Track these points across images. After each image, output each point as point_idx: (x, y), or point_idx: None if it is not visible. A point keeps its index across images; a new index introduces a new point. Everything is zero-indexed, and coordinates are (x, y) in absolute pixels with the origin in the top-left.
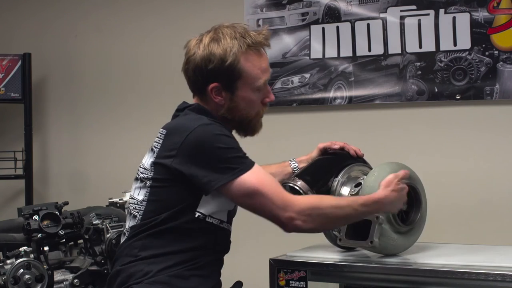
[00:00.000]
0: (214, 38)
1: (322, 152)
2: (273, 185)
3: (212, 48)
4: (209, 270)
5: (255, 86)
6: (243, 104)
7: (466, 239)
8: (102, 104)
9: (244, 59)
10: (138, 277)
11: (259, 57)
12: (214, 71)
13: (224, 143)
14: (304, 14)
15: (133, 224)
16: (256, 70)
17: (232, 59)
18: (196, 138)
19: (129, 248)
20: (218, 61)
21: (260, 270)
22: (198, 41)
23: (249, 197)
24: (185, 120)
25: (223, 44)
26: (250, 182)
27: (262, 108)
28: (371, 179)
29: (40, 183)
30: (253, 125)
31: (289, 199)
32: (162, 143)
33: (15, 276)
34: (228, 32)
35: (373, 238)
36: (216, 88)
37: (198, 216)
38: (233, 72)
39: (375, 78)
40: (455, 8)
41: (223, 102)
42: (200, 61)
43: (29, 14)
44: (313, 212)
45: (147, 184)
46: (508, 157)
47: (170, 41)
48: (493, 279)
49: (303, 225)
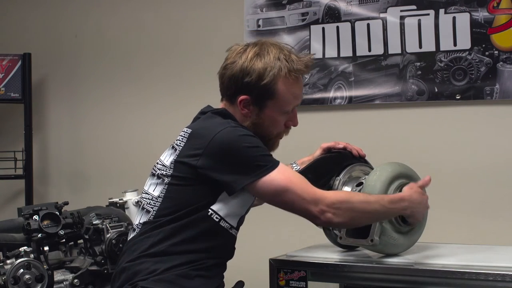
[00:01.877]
0: (258, 54)
1: (326, 151)
2: (301, 182)
3: (253, 62)
4: (214, 271)
5: (284, 109)
6: (267, 122)
7: (466, 239)
8: (102, 104)
9: (281, 82)
10: (144, 274)
11: (296, 83)
12: (249, 85)
13: (251, 142)
14: (304, 14)
15: (145, 220)
16: (289, 95)
17: (269, 79)
18: (223, 139)
19: (138, 244)
20: (256, 77)
21: (260, 270)
22: (242, 51)
23: (278, 194)
24: (212, 123)
25: (265, 61)
26: (279, 179)
27: (284, 130)
28: (373, 178)
29: (40, 183)
30: (271, 144)
31: (319, 193)
32: (186, 142)
33: (15, 276)
34: (273, 51)
35: (373, 237)
36: (246, 100)
37: (211, 215)
38: (267, 92)
39: (375, 78)
40: (455, 8)
41: (249, 115)
42: (239, 72)
43: (29, 14)
44: (343, 205)
45: (165, 181)
46: (508, 157)
47: (171, 40)
48: (493, 279)
49: (334, 218)
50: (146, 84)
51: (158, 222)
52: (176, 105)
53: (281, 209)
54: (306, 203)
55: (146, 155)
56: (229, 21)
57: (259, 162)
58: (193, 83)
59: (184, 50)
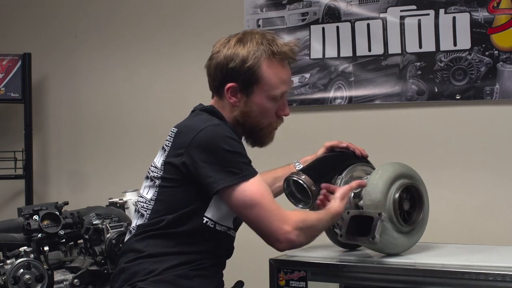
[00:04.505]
0: (241, 40)
1: (329, 150)
2: (272, 199)
3: (236, 48)
4: (212, 271)
5: (271, 94)
6: (256, 110)
7: (466, 239)
8: (102, 104)
9: (265, 65)
10: (143, 275)
11: (282, 67)
12: (234, 71)
13: (231, 145)
14: (304, 14)
15: (140, 222)
16: (275, 79)
17: (253, 62)
18: (205, 137)
19: (135, 245)
20: (240, 62)
21: (260, 270)
22: (226, 41)
23: (247, 206)
24: (196, 120)
25: (248, 46)
26: (251, 191)
27: (275, 120)
28: (375, 177)
29: (40, 183)
30: (263, 134)
31: (285, 213)
32: (172, 141)
33: (15, 276)
34: (256, 37)
35: (374, 234)
36: (232, 88)
37: (206, 222)
38: (252, 75)
39: (375, 78)
40: (455, 8)
41: (237, 104)
42: (223, 59)
43: (29, 14)
44: (305, 225)
45: (156, 183)
46: (508, 157)
47: (170, 40)
48: (493, 279)
49: (297, 240)
50: (146, 85)
51: (153, 226)
52: (177, 106)
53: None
54: (272, 220)
55: (146, 155)
56: (229, 21)
57: (234, 168)
58: (193, 84)
59: (184, 50)
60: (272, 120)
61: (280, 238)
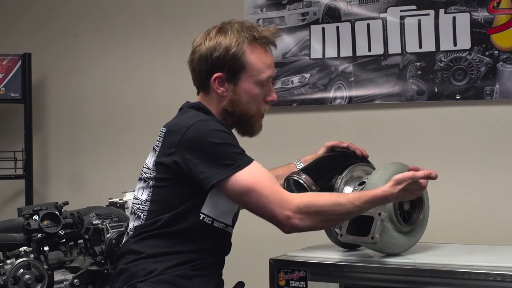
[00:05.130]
0: (222, 30)
1: (329, 150)
2: (269, 184)
3: (218, 38)
4: (211, 270)
5: (258, 79)
6: (245, 97)
7: (466, 239)
8: (102, 104)
9: (249, 51)
10: (142, 275)
11: (264, 52)
12: (218, 60)
13: (220, 138)
14: (304, 14)
15: (137, 224)
16: (260, 64)
17: (237, 49)
18: (193, 134)
19: (133, 246)
20: (224, 50)
21: (260, 270)
22: (206, 34)
23: (244, 194)
24: (184, 118)
25: (229, 35)
26: (245, 179)
27: (264, 106)
28: (375, 177)
29: (40, 183)
30: (252, 122)
31: (286, 197)
32: (162, 141)
33: (15, 276)
34: (235, 25)
35: (374, 234)
36: (219, 78)
37: (203, 219)
38: (237, 62)
39: (375, 78)
40: (455, 8)
41: (225, 93)
42: (206, 51)
43: (29, 15)
44: (310, 209)
45: (149, 184)
46: (508, 157)
47: (170, 41)
48: (493, 279)
49: (301, 224)
50: (146, 85)
51: (150, 226)
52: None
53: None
54: (272, 206)
55: (146, 155)
56: None
57: (226, 160)
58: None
59: (184, 51)
60: (260, 106)
61: (283, 222)
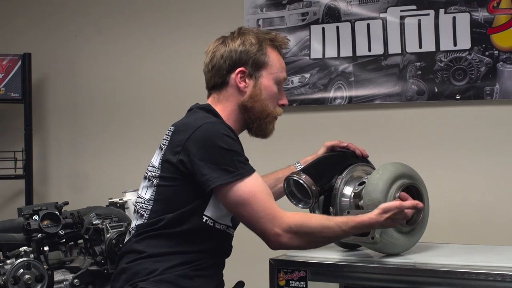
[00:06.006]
0: (243, 31)
1: (329, 150)
2: (265, 197)
3: (242, 37)
4: (213, 270)
5: (277, 78)
6: (264, 93)
7: (466, 239)
8: (102, 104)
9: (270, 50)
10: (144, 274)
11: (279, 55)
12: (244, 54)
13: (227, 143)
14: (304, 14)
15: (140, 223)
16: (279, 64)
17: (261, 46)
18: (202, 135)
19: (135, 245)
20: (250, 45)
21: (260, 270)
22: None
23: (239, 205)
24: (193, 118)
25: (252, 35)
26: (243, 190)
27: (277, 108)
28: (375, 177)
29: (40, 183)
30: (268, 121)
31: (278, 214)
32: (170, 140)
33: (15, 276)
34: (254, 29)
35: (374, 234)
36: (242, 72)
37: (206, 221)
38: (261, 58)
39: (375, 78)
40: (455, 8)
41: (246, 89)
42: (233, 46)
43: (29, 15)
44: (300, 230)
45: (154, 183)
46: (508, 157)
47: (171, 40)
48: (493, 279)
49: (289, 242)
50: (146, 83)
51: (152, 226)
52: (179, 107)
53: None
54: (263, 221)
55: (147, 155)
56: (229, 21)
57: (229, 167)
58: (194, 86)
59: (184, 51)
60: (275, 107)
61: (271, 239)
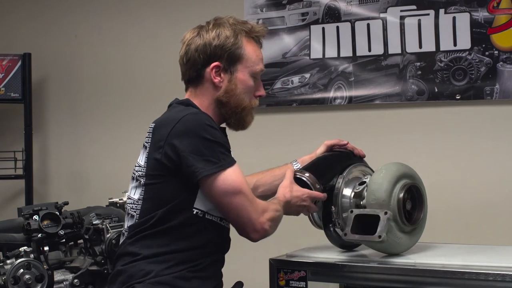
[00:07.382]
0: (218, 22)
1: (329, 149)
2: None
3: (217, 29)
4: (211, 271)
5: (253, 70)
6: (240, 88)
7: (466, 239)
8: (102, 104)
9: (245, 42)
10: (139, 276)
11: (256, 46)
12: (218, 48)
13: (211, 134)
14: (304, 14)
15: (131, 223)
16: (254, 56)
17: (236, 39)
18: (184, 126)
19: (129, 248)
20: (224, 39)
21: (260, 270)
22: (198, 28)
23: (229, 194)
24: (173, 112)
25: (227, 26)
26: (232, 179)
27: (254, 100)
28: (379, 176)
29: (40, 183)
30: (245, 114)
31: (261, 203)
32: (152, 137)
33: (15, 276)
34: (230, 20)
35: (382, 233)
36: (217, 67)
37: (196, 213)
38: (236, 52)
39: (375, 78)
40: (455, 8)
41: (221, 83)
42: (205, 40)
43: (29, 15)
44: (275, 217)
45: (141, 182)
46: (508, 157)
47: (170, 41)
48: (493, 279)
49: (269, 230)
50: (146, 84)
51: (143, 226)
52: None
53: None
54: (254, 211)
55: None
56: None
57: (211, 158)
58: None
59: None
60: (251, 99)
61: (257, 228)
